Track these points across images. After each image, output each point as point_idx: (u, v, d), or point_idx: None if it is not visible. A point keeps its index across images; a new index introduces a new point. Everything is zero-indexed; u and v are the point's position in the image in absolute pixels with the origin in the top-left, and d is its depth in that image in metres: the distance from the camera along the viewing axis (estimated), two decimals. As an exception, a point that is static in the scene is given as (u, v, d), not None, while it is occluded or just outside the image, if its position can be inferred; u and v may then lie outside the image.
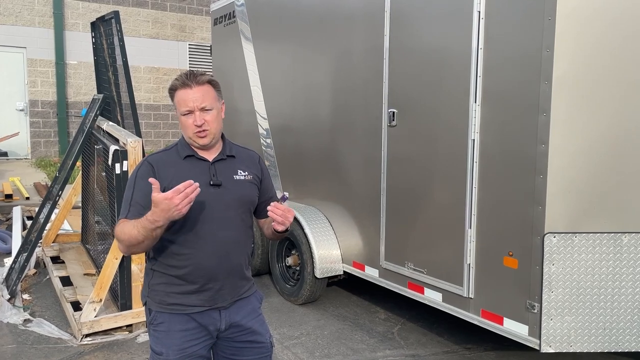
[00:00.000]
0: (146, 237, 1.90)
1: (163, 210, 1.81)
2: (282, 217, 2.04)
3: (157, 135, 13.91)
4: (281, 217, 2.03)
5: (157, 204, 1.81)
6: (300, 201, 5.01)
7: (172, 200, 1.79)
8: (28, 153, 12.60)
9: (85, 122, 5.23)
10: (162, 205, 1.80)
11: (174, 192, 1.80)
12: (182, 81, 2.05)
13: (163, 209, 1.81)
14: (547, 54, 2.87)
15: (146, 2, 13.59)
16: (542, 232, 2.96)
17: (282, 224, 2.06)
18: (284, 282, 4.99)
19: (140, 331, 4.14)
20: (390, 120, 3.87)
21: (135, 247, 1.96)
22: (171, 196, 1.79)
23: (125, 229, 1.94)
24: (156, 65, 13.78)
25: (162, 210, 1.81)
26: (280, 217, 2.03)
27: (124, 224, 1.98)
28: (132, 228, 1.91)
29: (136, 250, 2.00)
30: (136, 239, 1.91)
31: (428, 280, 3.67)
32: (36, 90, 12.48)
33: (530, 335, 3.06)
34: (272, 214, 2.03)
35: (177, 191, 1.80)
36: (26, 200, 8.06)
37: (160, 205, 1.81)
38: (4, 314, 4.37)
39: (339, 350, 3.96)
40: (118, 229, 1.99)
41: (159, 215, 1.83)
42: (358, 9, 4.16)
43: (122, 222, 2.00)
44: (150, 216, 1.85)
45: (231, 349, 2.18)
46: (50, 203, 5.03)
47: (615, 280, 2.99)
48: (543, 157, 2.93)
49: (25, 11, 12.20)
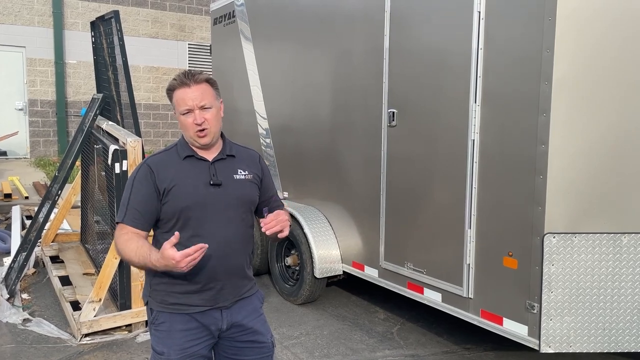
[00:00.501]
0: (142, 267, 2.00)
1: (167, 265, 1.87)
2: (277, 224, 2.04)
3: (156, 134, 13.90)
4: (277, 225, 2.04)
5: (164, 258, 1.86)
6: (300, 201, 5.02)
7: (178, 263, 1.85)
8: (27, 152, 12.60)
9: (85, 122, 5.23)
10: (167, 261, 1.86)
11: (182, 256, 1.84)
12: (181, 80, 2.05)
13: (167, 265, 1.87)
14: (547, 54, 2.88)
15: (145, 2, 13.59)
16: (541, 233, 2.96)
17: (282, 230, 2.06)
18: (283, 282, 4.99)
19: (140, 331, 4.14)
20: (390, 121, 3.87)
21: (129, 262, 2.08)
22: (179, 259, 1.84)
23: (127, 247, 1.99)
24: (155, 65, 13.77)
25: (165, 264, 1.87)
26: (276, 227, 2.04)
27: (127, 240, 2.01)
28: (133, 254, 1.97)
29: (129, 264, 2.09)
30: (132, 261, 2.01)
31: (427, 281, 3.68)
32: (35, 89, 12.47)
33: (530, 335, 3.06)
34: (269, 232, 2.04)
35: (185, 255, 1.84)
36: (25, 199, 8.05)
37: (166, 260, 1.86)
38: (3, 314, 4.36)
39: (339, 350, 3.96)
40: (120, 239, 2.02)
41: (161, 263, 1.89)
42: (358, 9, 4.16)
43: (123, 231, 2.03)
44: (154, 259, 1.91)
45: (232, 348, 2.18)
46: (50, 202, 5.03)
47: (614, 281, 3.00)
48: (543, 158, 2.93)
49: (25, 10, 12.19)
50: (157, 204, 2.04)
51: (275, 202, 2.33)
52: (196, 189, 2.05)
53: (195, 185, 2.06)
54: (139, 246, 1.97)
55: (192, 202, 2.03)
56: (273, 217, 2.05)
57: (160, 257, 1.87)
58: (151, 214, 2.05)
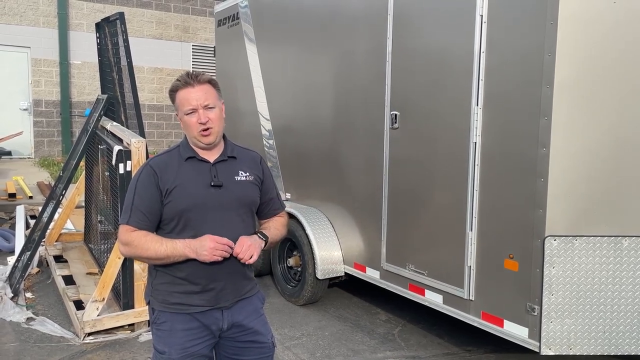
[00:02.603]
0: (170, 258, 2.02)
1: (198, 247, 1.98)
2: (244, 253, 2.05)
3: (160, 135, 13.94)
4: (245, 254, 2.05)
5: (200, 239, 1.99)
6: (302, 202, 5.03)
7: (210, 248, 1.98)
8: (31, 152, 12.65)
9: (89, 122, 5.25)
10: (201, 242, 1.98)
11: (214, 240, 2.00)
12: (185, 81, 2.07)
13: (199, 246, 1.98)
14: (549, 57, 2.89)
15: (150, 3, 13.64)
16: (542, 235, 2.97)
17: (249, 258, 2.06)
18: (285, 283, 5.01)
19: (142, 330, 4.16)
20: (392, 123, 3.89)
21: (146, 258, 2.08)
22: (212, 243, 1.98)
23: (148, 243, 2.02)
24: (160, 66, 13.82)
25: (199, 244, 1.98)
26: (245, 256, 2.05)
27: (138, 233, 2.04)
28: (158, 244, 2.01)
29: (141, 259, 2.12)
30: (157, 254, 2.02)
31: (429, 282, 3.69)
32: (40, 89, 12.53)
33: (530, 337, 3.07)
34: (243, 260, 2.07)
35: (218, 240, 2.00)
36: (29, 199, 8.09)
37: (200, 241, 1.99)
38: (7, 313, 4.39)
39: (340, 351, 3.98)
40: (133, 238, 2.03)
41: (191, 246, 1.99)
42: (361, 12, 4.18)
43: (131, 231, 2.04)
44: (188, 245, 2.00)
45: (233, 348, 2.20)
46: (54, 202, 5.06)
47: (615, 284, 3.00)
48: (544, 160, 2.94)
49: (30, 11, 12.25)
50: (160, 205, 2.06)
51: (275, 204, 2.34)
52: (197, 190, 2.07)
53: (196, 186, 2.08)
54: (165, 239, 2.04)
55: (193, 203, 2.05)
56: (237, 250, 2.05)
57: (195, 240, 1.99)
58: (155, 215, 2.07)
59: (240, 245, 2.05)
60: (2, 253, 6.02)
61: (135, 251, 2.05)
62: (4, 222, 7.32)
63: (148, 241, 2.02)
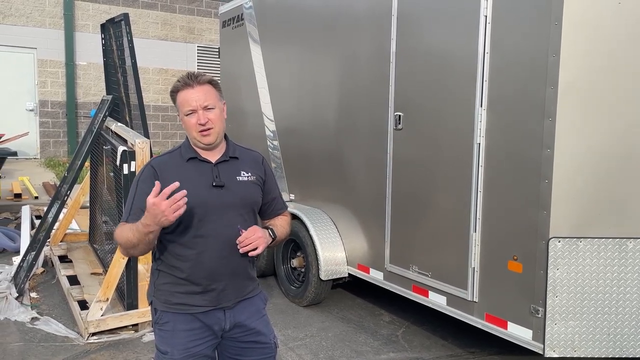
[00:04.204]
0: (140, 240, 1.93)
1: (152, 215, 1.84)
2: (250, 242, 2.03)
3: (164, 136, 13.99)
4: (249, 245, 2.03)
5: (148, 208, 1.85)
6: (306, 203, 5.04)
7: (159, 207, 1.82)
8: (37, 153, 12.71)
9: (94, 123, 5.27)
10: (151, 210, 1.83)
11: (160, 198, 1.82)
12: (184, 82, 2.08)
13: (152, 214, 1.84)
14: (553, 59, 2.88)
15: (155, 4, 13.68)
16: (546, 237, 2.96)
17: (256, 249, 2.05)
18: (288, 284, 5.01)
19: (146, 330, 4.17)
20: (396, 124, 3.89)
21: (132, 249, 2.01)
22: (158, 202, 1.81)
23: (123, 232, 1.99)
24: (165, 67, 13.86)
25: (151, 215, 1.85)
26: (248, 246, 2.03)
27: (123, 226, 2.02)
28: (129, 231, 1.96)
29: (133, 252, 2.04)
30: (131, 242, 1.95)
31: (432, 284, 3.68)
32: (46, 90, 12.59)
33: (534, 339, 3.06)
34: (242, 251, 2.04)
35: (163, 195, 1.82)
36: (35, 199, 8.13)
37: (150, 210, 1.84)
38: (12, 312, 4.41)
39: (343, 352, 3.97)
40: (118, 231, 2.03)
41: (150, 219, 1.86)
42: (365, 13, 4.18)
43: (121, 225, 2.04)
44: (143, 220, 1.89)
45: (235, 349, 2.20)
46: (59, 202, 5.08)
47: (620, 286, 2.99)
48: (548, 162, 2.93)
49: (36, 12, 12.32)
50: None
51: (278, 204, 2.34)
52: (199, 190, 2.07)
53: (198, 186, 2.07)
54: (133, 224, 1.96)
55: (195, 203, 2.04)
56: (247, 234, 2.03)
57: (146, 210, 1.85)
58: None
59: (251, 232, 2.03)
60: (8, 253, 6.05)
61: (121, 244, 2.02)
62: (10, 222, 7.36)
63: (124, 231, 1.98)
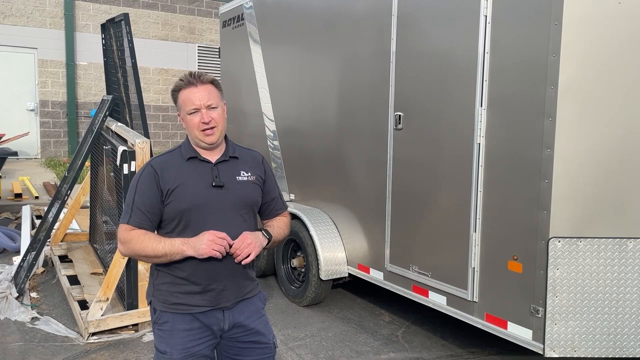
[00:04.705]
0: (167, 254, 2.01)
1: (196, 242, 1.99)
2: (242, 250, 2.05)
3: (165, 136, 13.99)
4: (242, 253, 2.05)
5: (199, 236, 2.00)
6: (306, 203, 5.04)
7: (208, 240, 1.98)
8: (38, 153, 12.72)
9: (95, 123, 5.28)
10: (200, 237, 1.99)
11: (214, 234, 2.00)
12: (187, 80, 2.09)
13: (196, 241, 1.99)
14: (554, 58, 2.88)
15: (156, 4, 13.69)
16: (546, 237, 2.96)
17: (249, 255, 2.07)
18: (289, 284, 5.01)
19: (146, 330, 4.17)
20: (397, 124, 3.88)
21: (144, 257, 2.06)
22: (211, 237, 1.99)
23: (146, 241, 2.02)
24: (165, 67, 13.87)
25: (196, 240, 1.99)
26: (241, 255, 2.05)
27: (137, 232, 2.04)
28: (156, 242, 2.01)
29: (140, 258, 2.11)
30: (154, 252, 2.01)
31: (432, 284, 3.68)
32: (46, 90, 12.60)
33: (534, 339, 3.06)
34: (237, 260, 2.06)
35: (217, 234, 2.00)
36: (35, 199, 8.14)
37: (199, 236, 1.99)
38: (12, 312, 4.42)
39: (343, 352, 3.97)
40: (129, 235, 2.04)
41: (190, 242, 2.00)
42: (365, 13, 4.18)
43: (130, 230, 2.05)
44: (178, 240, 2.00)
45: (234, 349, 2.20)
46: (59, 202, 5.08)
47: (620, 286, 2.99)
48: (548, 162, 2.93)
49: (37, 12, 12.33)
50: (160, 204, 2.07)
51: (277, 204, 2.34)
52: (199, 190, 2.08)
53: (198, 186, 2.08)
54: (163, 238, 2.05)
55: (195, 203, 2.05)
56: (237, 245, 2.04)
57: (196, 238, 2.00)
58: (155, 214, 2.08)
59: (240, 241, 2.05)
60: (8, 253, 6.05)
61: (134, 249, 2.04)
62: (10, 222, 7.36)
63: (146, 239, 2.02)
